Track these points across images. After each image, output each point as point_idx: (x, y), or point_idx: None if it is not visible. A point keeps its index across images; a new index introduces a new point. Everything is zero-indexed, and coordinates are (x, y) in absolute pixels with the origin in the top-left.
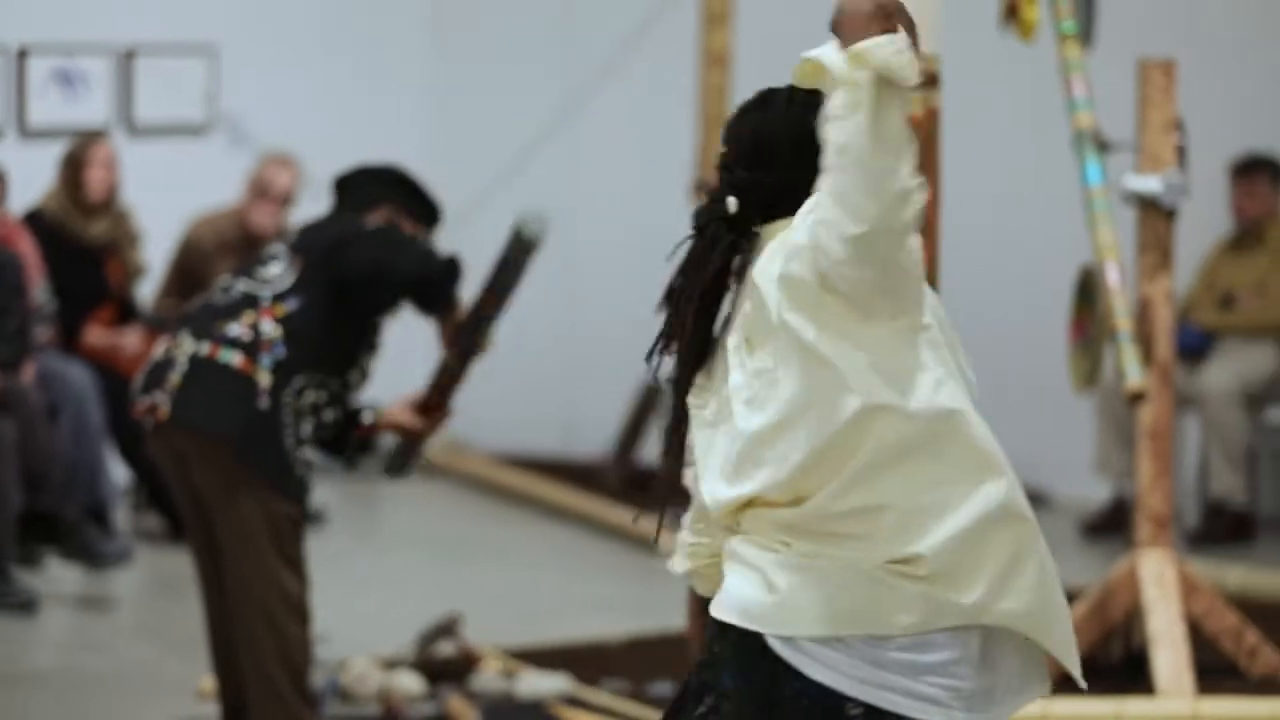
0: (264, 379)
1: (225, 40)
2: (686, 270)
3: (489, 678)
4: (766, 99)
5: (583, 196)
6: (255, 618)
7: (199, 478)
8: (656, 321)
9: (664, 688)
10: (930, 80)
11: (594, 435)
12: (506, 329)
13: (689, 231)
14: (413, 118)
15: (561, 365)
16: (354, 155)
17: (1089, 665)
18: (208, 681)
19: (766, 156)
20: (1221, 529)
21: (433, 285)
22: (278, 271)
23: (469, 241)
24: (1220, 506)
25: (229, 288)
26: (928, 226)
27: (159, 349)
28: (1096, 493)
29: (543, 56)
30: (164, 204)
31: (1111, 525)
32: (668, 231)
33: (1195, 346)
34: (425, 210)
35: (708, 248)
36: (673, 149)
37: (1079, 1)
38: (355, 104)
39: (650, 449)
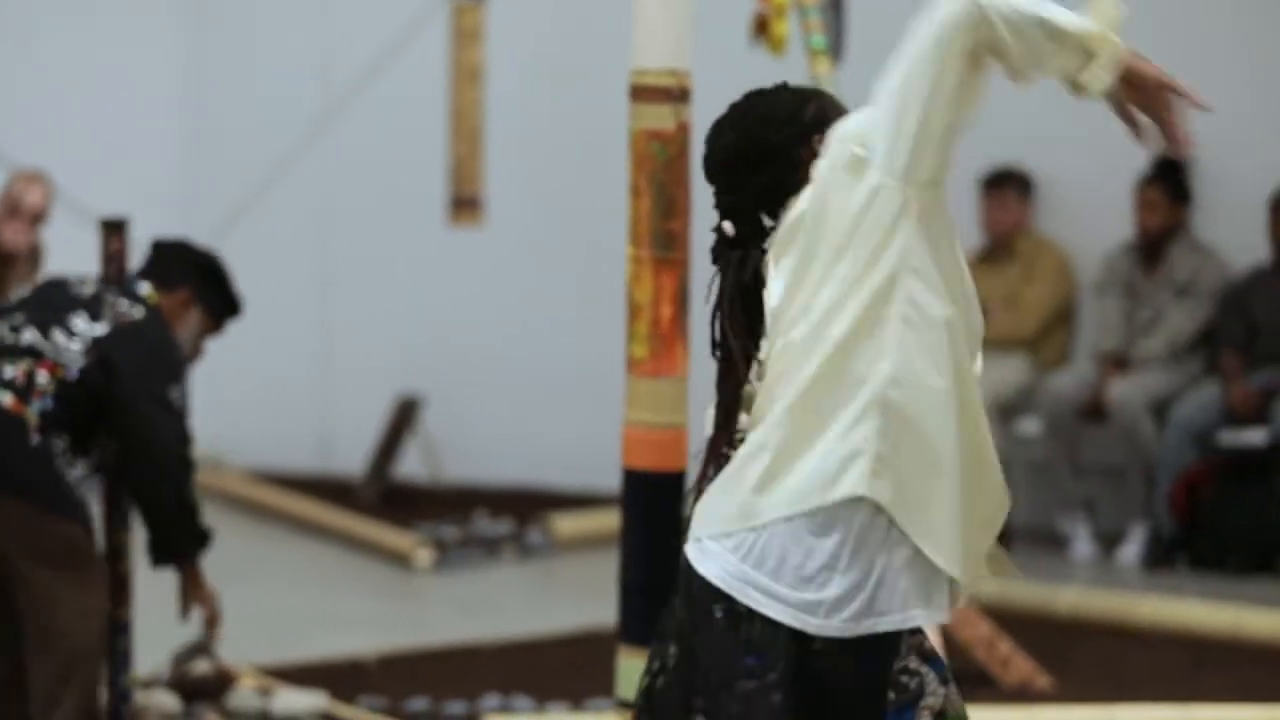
0: (33, 420)
1: None
2: (720, 302)
3: (245, 695)
4: (718, 127)
5: (337, 210)
6: (47, 643)
7: None
8: (411, 335)
9: (420, 703)
10: (681, 95)
11: (349, 451)
12: (260, 344)
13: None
14: (166, 133)
15: (316, 380)
16: (107, 170)
17: None
18: None
19: (737, 175)
20: None
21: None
22: (74, 351)
23: (226, 256)
24: None
25: (17, 328)
26: (678, 241)
27: None
28: None
29: (297, 72)
30: None
31: None
32: (422, 245)
33: None
34: (224, 306)
35: (723, 273)
36: (426, 163)
37: (828, 17)
38: (108, 120)
39: (406, 464)
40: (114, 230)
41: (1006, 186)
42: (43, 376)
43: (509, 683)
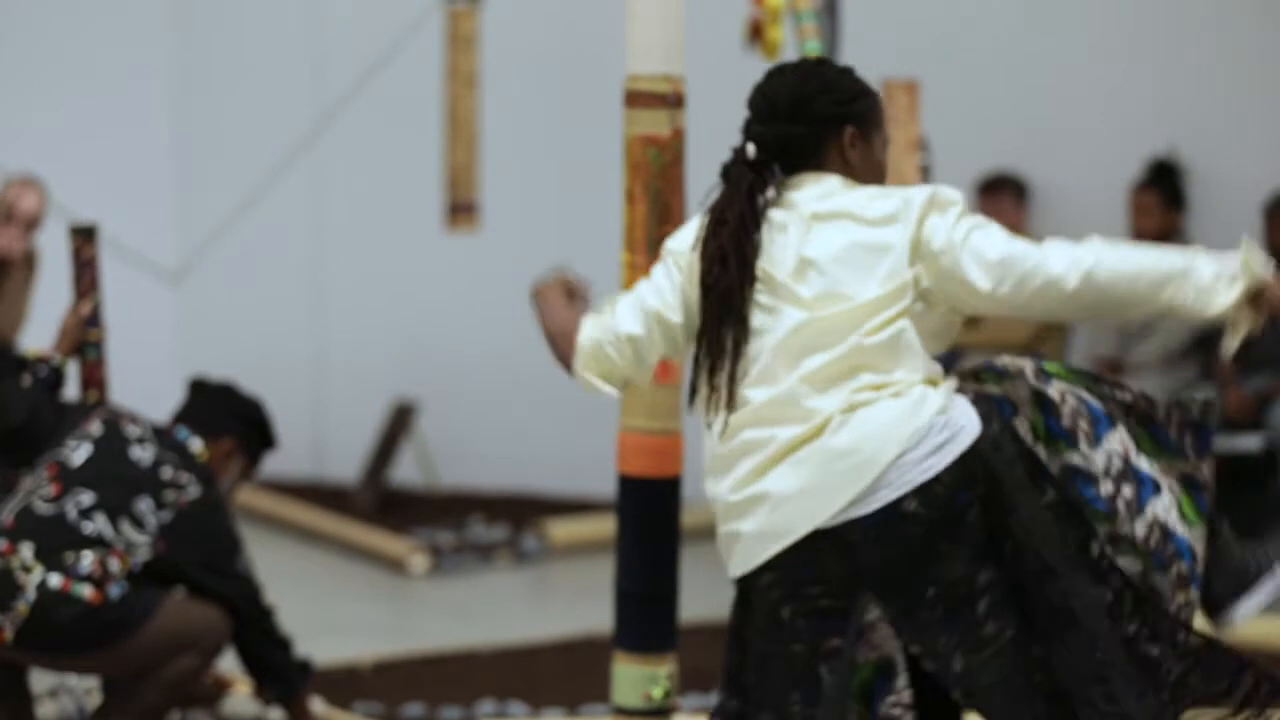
0: (112, 602)
1: None
2: (722, 208)
3: (240, 702)
4: (783, 69)
5: (332, 215)
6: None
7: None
8: (406, 341)
9: (416, 709)
10: (676, 100)
11: (344, 457)
12: (254, 349)
13: (716, 182)
14: (158, 140)
15: (311, 386)
16: (99, 177)
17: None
18: None
19: (776, 115)
20: None
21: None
22: (141, 543)
23: (215, 264)
24: None
25: (87, 513)
26: None
27: None
28: None
29: (292, 77)
30: None
31: None
32: (418, 250)
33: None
34: (264, 449)
35: (735, 190)
36: (423, 169)
37: (823, 21)
38: (99, 126)
39: (401, 470)
40: (85, 236)
41: (1003, 191)
42: (114, 564)
43: (504, 689)
